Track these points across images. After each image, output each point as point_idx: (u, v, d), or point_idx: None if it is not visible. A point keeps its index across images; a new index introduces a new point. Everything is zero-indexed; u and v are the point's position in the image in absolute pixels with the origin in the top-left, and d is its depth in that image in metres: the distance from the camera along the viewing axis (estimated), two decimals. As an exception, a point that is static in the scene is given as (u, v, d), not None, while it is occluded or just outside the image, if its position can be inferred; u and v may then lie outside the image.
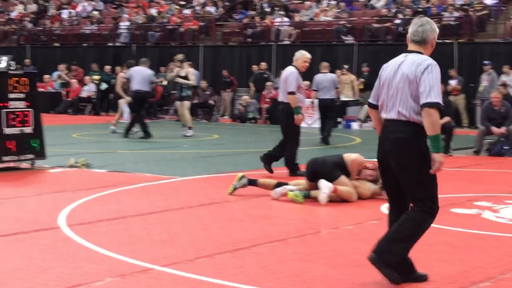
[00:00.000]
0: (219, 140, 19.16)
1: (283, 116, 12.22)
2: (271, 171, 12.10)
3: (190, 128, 19.37)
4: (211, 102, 26.93)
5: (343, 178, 9.56)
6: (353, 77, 25.42)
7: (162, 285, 5.69)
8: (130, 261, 6.33)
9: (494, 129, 15.86)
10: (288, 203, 9.47)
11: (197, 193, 10.19)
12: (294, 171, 12.05)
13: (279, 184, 9.96)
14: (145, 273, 5.97)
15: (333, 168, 9.61)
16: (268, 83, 26.25)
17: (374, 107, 5.91)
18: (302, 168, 11.49)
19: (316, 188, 9.54)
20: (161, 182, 11.28)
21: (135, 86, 18.67)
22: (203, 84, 27.06)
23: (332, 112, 19.21)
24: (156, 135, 19.51)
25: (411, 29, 5.88)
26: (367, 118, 23.80)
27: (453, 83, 24.33)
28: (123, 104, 20.98)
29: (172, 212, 8.76)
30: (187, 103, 19.55)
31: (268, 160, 12.28)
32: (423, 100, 5.48)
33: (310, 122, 24.60)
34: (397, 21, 26.99)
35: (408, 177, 5.66)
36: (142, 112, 19.26)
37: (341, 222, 8.34)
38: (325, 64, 19.50)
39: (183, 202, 9.45)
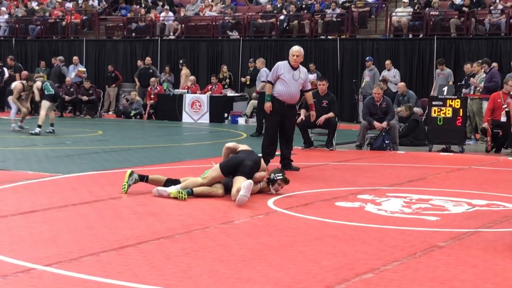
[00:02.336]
0: (103, 136, 18.89)
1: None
2: (296, 169, 12.42)
3: (39, 126, 18.56)
4: (94, 98, 26.50)
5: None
6: (188, 71, 26.11)
7: (45, 285, 5.54)
8: (12, 261, 6.14)
9: (376, 123, 16.25)
10: (175, 199, 9.41)
11: (81, 191, 9.99)
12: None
13: (169, 181, 9.91)
14: (27, 273, 5.81)
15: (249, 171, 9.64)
16: (153, 79, 26.06)
17: None
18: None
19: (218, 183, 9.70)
20: (44, 179, 11.02)
21: None
22: (86, 84, 26.60)
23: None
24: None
25: None
26: (253, 114, 23.98)
27: (311, 77, 24.77)
28: (11, 101, 20.57)
29: (55, 210, 8.55)
30: (44, 103, 19.01)
31: (285, 164, 12.36)
32: None
33: (196, 117, 24.60)
34: (282, 17, 27.29)
35: None
36: None
37: (228, 217, 8.35)
38: (262, 59, 21.04)
39: (66, 199, 9.24)
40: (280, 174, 9.94)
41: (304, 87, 12.62)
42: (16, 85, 20.16)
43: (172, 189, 9.54)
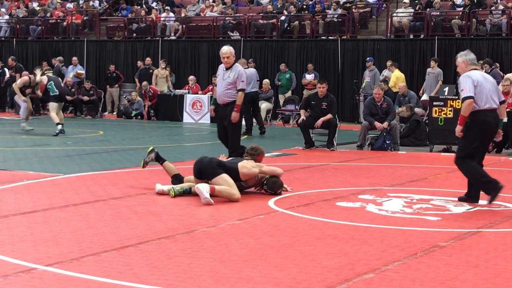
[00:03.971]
0: (104, 137, 18.89)
1: None
2: None
3: (57, 124, 18.53)
4: (95, 98, 26.48)
5: (223, 176, 9.51)
6: (167, 72, 26.30)
7: (46, 285, 5.54)
8: (13, 261, 6.14)
9: (377, 124, 16.24)
10: (175, 199, 9.42)
11: (82, 191, 9.99)
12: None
13: (177, 176, 10.14)
14: (29, 273, 5.81)
15: (216, 167, 9.63)
16: (145, 82, 25.95)
17: (473, 98, 9.04)
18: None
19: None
20: (45, 179, 11.02)
21: None
22: (87, 85, 26.58)
23: (257, 103, 20.66)
24: (39, 132, 19.08)
25: (472, 56, 9.41)
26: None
27: (309, 77, 24.85)
28: (19, 100, 20.26)
29: (56, 210, 8.56)
30: (51, 105, 18.97)
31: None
32: (502, 98, 9.46)
33: (197, 118, 24.58)
34: (282, 18, 27.28)
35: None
36: None
37: (229, 218, 8.35)
38: (244, 60, 20.73)
39: (67, 200, 9.25)
40: (271, 192, 9.96)
41: (236, 86, 12.27)
42: (22, 77, 19.96)
43: (170, 187, 9.67)
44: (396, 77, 22.34)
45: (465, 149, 9.38)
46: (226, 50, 12.32)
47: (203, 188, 9.14)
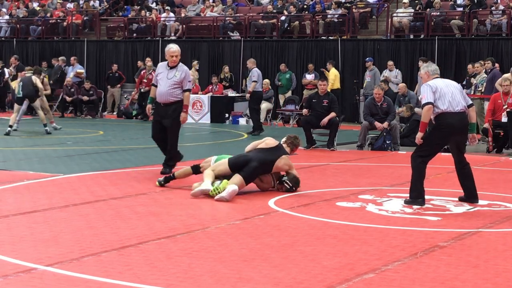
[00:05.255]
0: (104, 137, 18.89)
1: None
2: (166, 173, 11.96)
3: (44, 125, 18.77)
4: (95, 98, 26.46)
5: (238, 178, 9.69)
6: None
7: (46, 285, 5.54)
8: (13, 261, 6.14)
9: (377, 124, 16.24)
10: (175, 199, 9.42)
11: (82, 191, 9.99)
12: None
13: (193, 167, 10.47)
14: (29, 273, 5.81)
15: (253, 170, 9.84)
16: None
17: (431, 104, 9.29)
18: None
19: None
20: (45, 179, 11.02)
21: None
22: (87, 85, 26.54)
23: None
24: (39, 132, 19.08)
25: (434, 67, 9.69)
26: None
27: (309, 77, 24.85)
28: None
29: (56, 211, 8.56)
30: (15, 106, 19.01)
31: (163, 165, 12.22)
32: (469, 102, 9.66)
33: (197, 118, 24.57)
34: (283, 18, 27.28)
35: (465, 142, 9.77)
36: None
37: (229, 218, 8.35)
38: (253, 60, 21.37)
39: (67, 200, 9.25)
40: (290, 185, 10.16)
41: (182, 86, 11.97)
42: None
43: (209, 186, 9.59)
44: (334, 75, 23.21)
45: (426, 149, 9.57)
46: (176, 49, 12.08)
47: (233, 190, 9.38)
